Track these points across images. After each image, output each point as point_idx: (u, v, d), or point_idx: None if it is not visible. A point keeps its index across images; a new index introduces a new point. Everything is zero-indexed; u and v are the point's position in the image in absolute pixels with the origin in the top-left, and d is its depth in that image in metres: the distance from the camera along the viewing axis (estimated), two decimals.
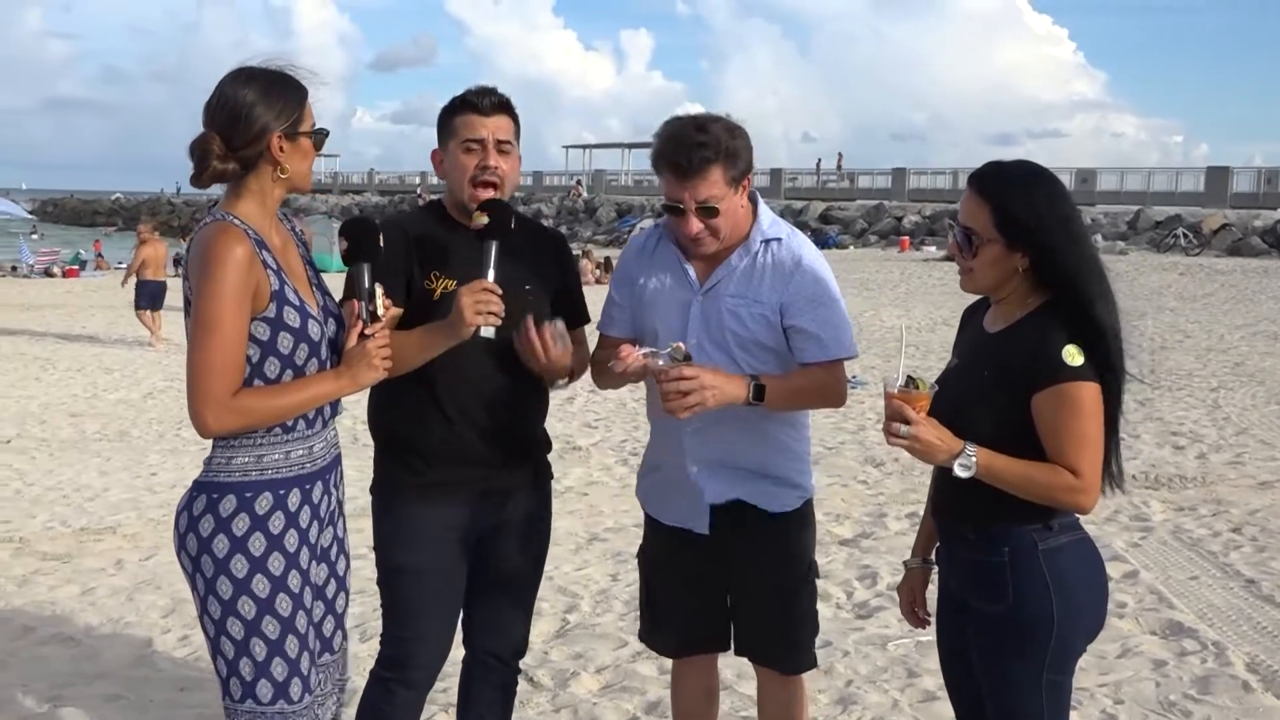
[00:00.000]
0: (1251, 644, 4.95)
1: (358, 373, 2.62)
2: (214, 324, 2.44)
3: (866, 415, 10.16)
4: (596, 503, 7.42)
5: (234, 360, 2.46)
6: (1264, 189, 44.03)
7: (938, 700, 4.34)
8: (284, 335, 2.54)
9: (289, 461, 2.60)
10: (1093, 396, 2.44)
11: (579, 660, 4.78)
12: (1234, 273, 28.23)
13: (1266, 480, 7.94)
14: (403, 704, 3.15)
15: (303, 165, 2.64)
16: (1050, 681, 2.53)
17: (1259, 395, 11.41)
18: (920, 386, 2.42)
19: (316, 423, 2.67)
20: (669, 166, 2.94)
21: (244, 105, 2.53)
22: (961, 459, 2.42)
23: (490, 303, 2.77)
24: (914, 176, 56.16)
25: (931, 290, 24.70)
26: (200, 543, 2.53)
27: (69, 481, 8.04)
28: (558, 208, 57.97)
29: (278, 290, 2.54)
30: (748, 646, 3.28)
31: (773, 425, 3.12)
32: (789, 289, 3.03)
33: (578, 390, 11.43)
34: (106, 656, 4.84)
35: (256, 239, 2.53)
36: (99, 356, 14.81)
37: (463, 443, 3.05)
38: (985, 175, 2.58)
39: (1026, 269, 2.53)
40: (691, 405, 2.81)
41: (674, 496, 3.21)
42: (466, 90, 3.10)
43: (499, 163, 3.02)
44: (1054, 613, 2.49)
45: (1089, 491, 2.46)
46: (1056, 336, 2.45)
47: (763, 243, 3.07)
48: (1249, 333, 16.74)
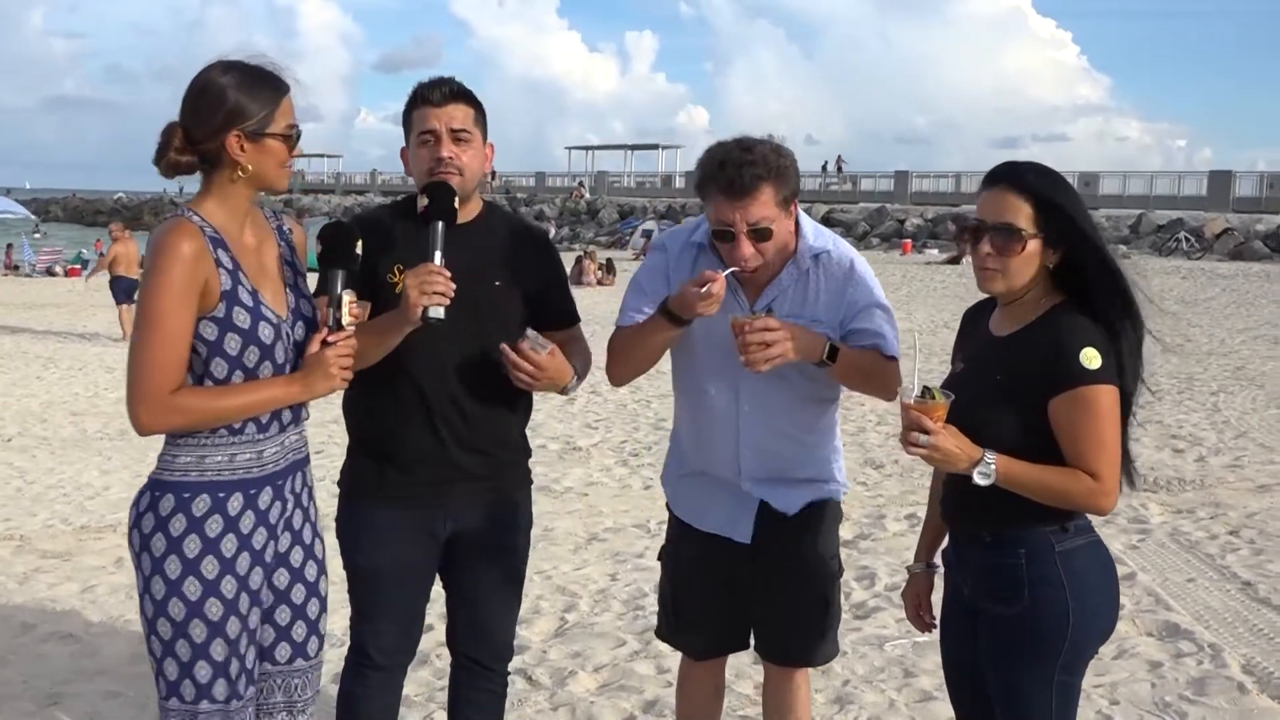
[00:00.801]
0: (1248, 646, 4.96)
1: (312, 381, 2.57)
2: (154, 320, 2.41)
3: (866, 418, 10.17)
4: (596, 503, 7.43)
5: (173, 357, 2.42)
6: (1267, 193, 43.97)
7: (935, 700, 4.36)
8: (232, 336, 2.49)
9: (233, 465, 2.54)
10: (1111, 399, 2.42)
11: (577, 659, 4.80)
12: (1236, 277, 28.22)
13: (1265, 484, 7.95)
14: (375, 684, 3.16)
15: (269, 165, 2.56)
16: (1061, 682, 2.52)
17: (1259, 399, 11.42)
18: (936, 396, 2.39)
19: (270, 427, 2.61)
20: (719, 187, 2.84)
21: (208, 102, 2.50)
22: (981, 467, 2.39)
23: (435, 283, 2.71)
24: (917, 179, 56.15)
25: (934, 293, 24.73)
26: (141, 540, 2.51)
27: (70, 480, 8.07)
28: (560, 209, 57.99)
29: (229, 290, 2.49)
30: (778, 646, 3.28)
31: (817, 434, 3.17)
32: (845, 299, 3.01)
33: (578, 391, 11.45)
34: (106, 654, 4.85)
35: (214, 236, 2.50)
36: (100, 356, 14.84)
37: (433, 446, 3.01)
38: (1021, 172, 2.53)
39: (1051, 268, 2.51)
40: (774, 357, 2.77)
41: (716, 504, 3.18)
42: (421, 82, 3.03)
43: (454, 153, 2.94)
44: (1069, 614, 2.48)
45: (1109, 494, 2.44)
46: (1073, 339, 2.42)
47: (812, 257, 3.02)
48: (1250, 337, 16.75)
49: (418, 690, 4.42)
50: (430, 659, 4.65)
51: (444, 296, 2.72)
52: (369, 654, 3.13)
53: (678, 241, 3.18)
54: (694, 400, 3.18)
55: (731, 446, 3.10)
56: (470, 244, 2.93)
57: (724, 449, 3.12)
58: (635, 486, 7.85)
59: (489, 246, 3.03)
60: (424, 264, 2.76)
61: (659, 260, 3.16)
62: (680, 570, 3.31)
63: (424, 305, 2.71)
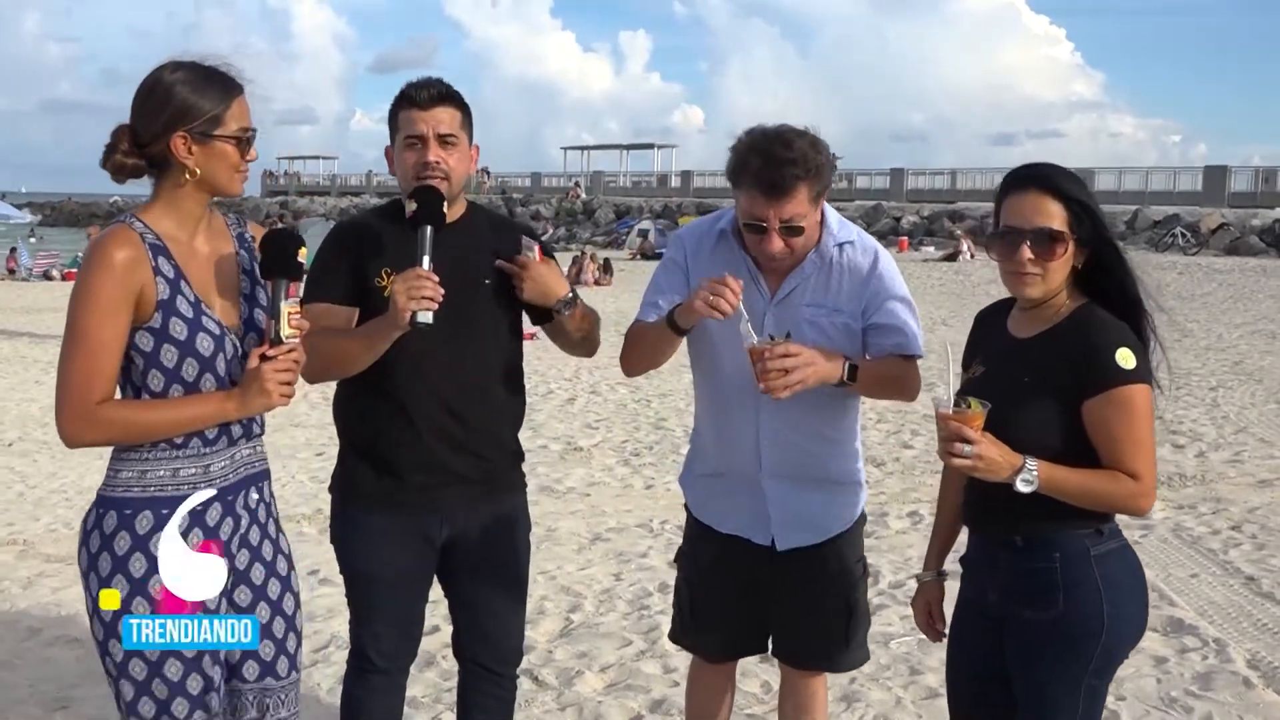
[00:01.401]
0: (1252, 640, 4.97)
1: (247, 397, 2.43)
2: (80, 331, 2.34)
3: (867, 415, 10.16)
4: (599, 503, 7.44)
5: (98, 369, 2.34)
6: (1262, 188, 44.09)
7: (940, 698, 4.35)
8: (167, 348, 2.40)
9: (176, 479, 2.45)
10: (1147, 399, 2.41)
11: (583, 659, 4.80)
12: (1232, 272, 28.28)
13: (1266, 478, 7.97)
14: (377, 687, 3.16)
15: (219, 168, 2.46)
16: (1090, 686, 2.50)
17: (1258, 394, 11.44)
18: (973, 405, 2.37)
19: (219, 441, 2.50)
20: (758, 184, 2.82)
21: (154, 99, 2.42)
22: (1024, 474, 2.36)
23: (423, 288, 2.68)
24: (912, 177, 56.19)
25: (930, 290, 24.72)
26: (88, 559, 2.44)
27: (72, 484, 8.06)
28: (556, 209, 57.98)
29: (165, 299, 2.39)
30: (797, 650, 3.24)
31: (841, 432, 3.13)
32: (868, 290, 3.00)
33: (579, 391, 11.46)
34: None
35: (155, 244, 2.41)
36: None
37: (427, 452, 3.00)
38: (1050, 174, 2.52)
39: (1077, 269, 2.51)
40: (794, 384, 2.75)
41: (736, 505, 3.16)
42: (407, 83, 3.00)
43: (441, 157, 2.92)
44: (1104, 619, 2.45)
45: (1149, 495, 2.42)
46: (1107, 339, 2.41)
47: (836, 247, 3.01)
48: (1247, 331, 16.79)
49: (424, 692, 4.42)
50: (436, 660, 4.66)
51: (432, 301, 2.70)
52: (369, 657, 3.14)
53: (696, 232, 3.18)
54: (715, 394, 3.15)
55: (752, 441, 3.07)
56: (457, 245, 2.92)
57: (745, 443, 3.08)
58: (637, 486, 7.85)
59: (475, 246, 3.03)
60: (412, 269, 2.75)
61: (677, 252, 3.17)
62: (699, 571, 3.28)
63: (412, 310, 2.69)
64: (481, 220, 3.15)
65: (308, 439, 9.20)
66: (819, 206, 2.94)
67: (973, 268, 30.84)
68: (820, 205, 2.95)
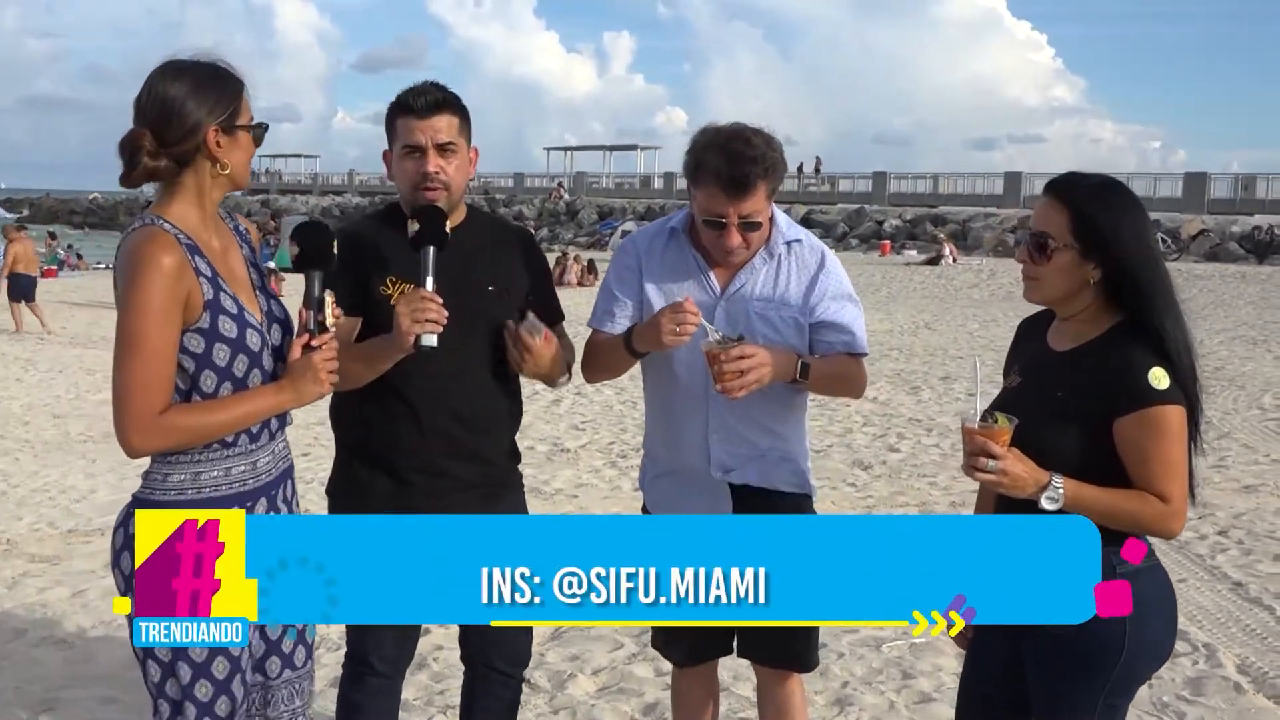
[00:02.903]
0: (1241, 645, 5.00)
1: (301, 387, 2.50)
2: (138, 340, 2.32)
3: (853, 418, 10.19)
4: (586, 505, 7.42)
5: (160, 377, 2.34)
6: (1241, 195, 44.40)
7: (934, 702, 4.37)
8: (220, 347, 2.42)
9: (229, 479, 2.48)
10: (1179, 420, 2.37)
11: (575, 662, 4.79)
12: (1212, 278, 28.45)
13: (1250, 484, 8.00)
14: (374, 690, 3.15)
15: (242, 160, 2.52)
16: (1107, 705, 2.48)
17: (1240, 400, 11.50)
18: (1000, 420, 2.35)
19: (261, 436, 2.55)
20: (718, 181, 2.87)
21: (177, 99, 2.41)
22: (1049, 491, 2.34)
23: (427, 311, 2.70)
24: (895, 181, 56.31)
25: (913, 294, 24.80)
26: (134, 562, 2.38)
27: (55, 483, 8.00)
28: (539, 210, 57.91)
29: (211, 299, 2.41)
30: (764, 648, 3.25)
31: (788, 427, 3.16)
32: (816, 288, 3.06)
33: (564, 393, 11.43)
34: (101, 659, 4.81)
35: (189, 244, 2.41)
36: (80, 357, 14.72)
37: (428, 454, 2.99)
38: (1064, 182, 2.51)
39: (1098, 282, 2.46)
40: (750, 384, 2.82)
41: (693, 496, 3.18)
42: (405, 89, 2.99)
43: (441, 166, 2.92)
44: (1125, 640, 2.42)
45: (1179, 517, 2.39)
46: (1140, 359, 2.38)
47: (785, 244, 3.08)
48: (1228, 337, 16.86)
49: (417, 694, 4.40)
50: (428, 662, 4.64)
51: (436, 324, 2.72)
52: (370, 661, 3.12)
53: (646, 235, 3.22)
54: (662, 388, 3.18)
55: (700, 434, 3.09)
56: (458, 251, 2.91)
57: (693, 437, 3.11)
58: (625, 488, 7.83)
59: (477, 252, 3.03)
60: (415, 291, 2.75)
61: (629, 256, 3.18)
62: None
63: (416, 333, 2.71)
64: (482, 225, 3.15)
65: (293, 439, 9.03)
66: (771, 203, 3.01)
67: (955, 272, 30.94)
68: (771, 201, 3.02)
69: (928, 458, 8.82)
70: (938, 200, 51.57)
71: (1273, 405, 11.16)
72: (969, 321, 19.29)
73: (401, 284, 2.93)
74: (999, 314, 19.85)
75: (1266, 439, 9.60)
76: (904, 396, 11.49)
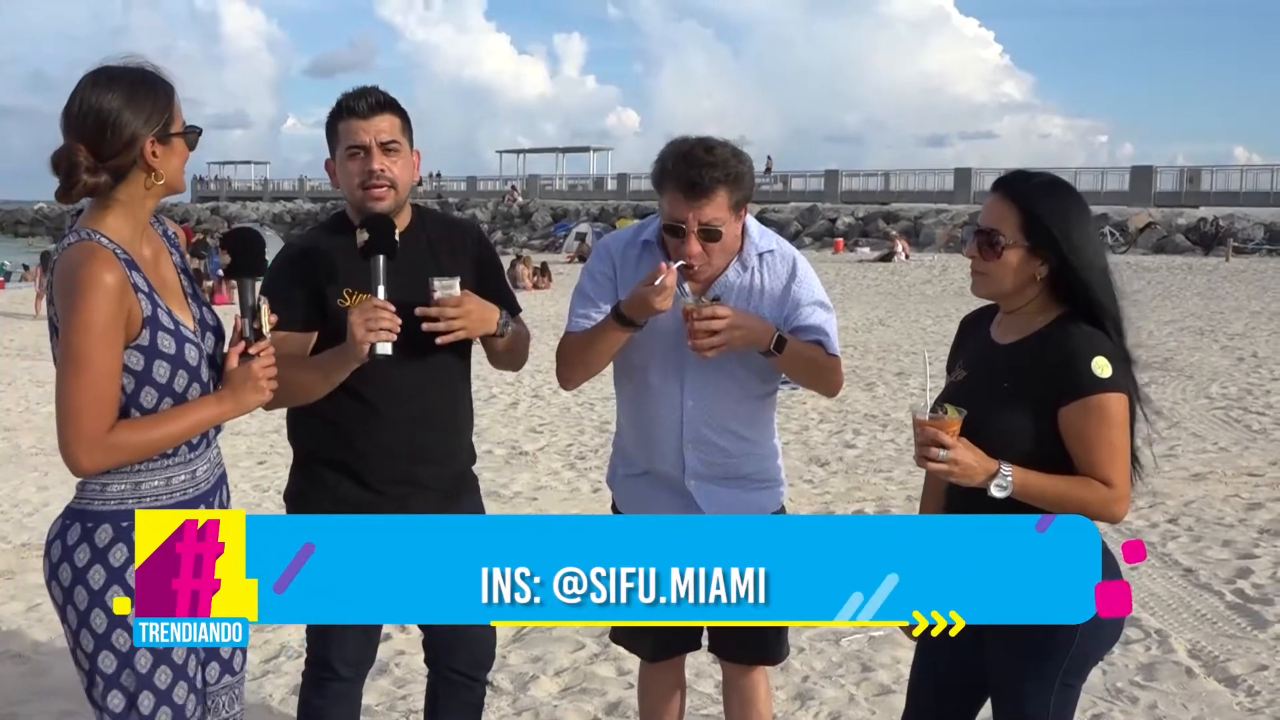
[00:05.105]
0: (1192, 631, 5.09)
1: (241, 396, 2.48)
2: (83, 360, 2.28)
3: (809, 415, 10.27)
4: (545, 507, 7.43)
5: (105, 396, 2.31)
6: (1186, 188, 45.10)
7: (893, 693, 4.42)
8: (160, 363, 2.39)
9: (170, 488, 2.46)
10: (1121, 407, 2.45)
11: (538, 663, 4.80)
12: (1160, 270, 28.87)
13: (1199, 472, 8.14)
14: (338, 695, 3.15)
15: (177, 167, 2.46)
16: (1063, 686, 2.53)
17: (1189, 389, 11.68)
18: (950, 411, 2.42)
19: (200, 445, 2.53)
20: (678, 185, 2.91)
21: (111, 111, 2.35)
22: (998, 479, 2.41)
23: (380, 319, 2.72)
24: (847, 178, 56.71)
25: (867, 291, 24.99)
26: (75, 574, 2.39)
27: (6, 497, 7.89)
28: (492, 213, 57.81)
29: (150, 315, 2.38)
30: (737, 644, 3.27)
31: (757, 431, 3.19)
32: (790, 298, 3.09)
33: (521, 396, 11.43)
34: (58, 673, 4.74)
35: (126, 259, 2.36)
36: (30, 370, 14.52)
37: (388, 459, 2.99)
38: (1013, 180, 2.59)
39: (1044, 277, 2.53)
40: (719, 344, 2.87)
41: (663, 498, 3.19)
42: (344, 94, 2.98)
43: (385, 165, 2.92)
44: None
45: (1122, 501, 2.47)
46: (1084, 348, 2.45)
47: (758, 256, 3.10)
48: (1176, 329, 17.13)
49: (379, 700, 4.39)
50: (389, 668, 4.63)
51: (390, 333, 2.73)
52: (333, 666, 3.12)
53: (621, 241, 3.22)
54: (637, 396, 3.19)
55: (675, 443, 3.13)
56: (409, 253, 2.91)
57: (668, 446, 3.14)
58: (584, 490, 7.85)
59: (426, 252, 3.03)
60: (368, 300, 2.77)
61: (603, 263, 3.19)
62: None
63: (370, 342, 2.72)
64: (430, 225, 3.14)
65: (249, 447, 9.07)
66: (740, 217, 3.02)
67: (908, 268, 31.21)
68: (742, 216, 3.04)
69: (883, 453, 8.90)
70: (889, 197, 51.99)
71: (1220, 394, 11.36)
72: (922, 317, 19.48)
73: (359, 294, 2.92)
74: (951, 309, 20.03)
75: (1214, 428, 9.77)
76: (859, 393, 11.58)
